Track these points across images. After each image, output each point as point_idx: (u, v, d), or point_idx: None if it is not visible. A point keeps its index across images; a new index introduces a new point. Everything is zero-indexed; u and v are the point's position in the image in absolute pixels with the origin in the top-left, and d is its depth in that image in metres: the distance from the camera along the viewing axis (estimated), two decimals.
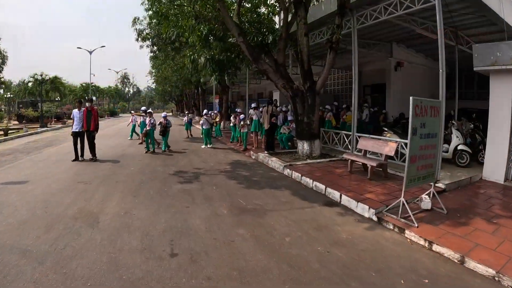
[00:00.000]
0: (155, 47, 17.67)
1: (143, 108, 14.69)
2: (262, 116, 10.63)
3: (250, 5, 12.23)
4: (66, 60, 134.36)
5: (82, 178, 7.65)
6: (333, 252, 4.22)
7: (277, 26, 12.43)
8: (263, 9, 12.59)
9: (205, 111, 15.09)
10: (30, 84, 32.12)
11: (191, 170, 8.70)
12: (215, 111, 20.14)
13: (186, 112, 22.42)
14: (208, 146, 13.00)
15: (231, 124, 13.65)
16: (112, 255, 3.87)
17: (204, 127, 13.04)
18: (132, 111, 20.14)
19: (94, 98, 64.41)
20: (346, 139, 10.48)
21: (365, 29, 10.62)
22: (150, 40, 17.11)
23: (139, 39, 17.00)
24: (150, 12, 15.33)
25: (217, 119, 17.58)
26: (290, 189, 7.04)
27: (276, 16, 13.68)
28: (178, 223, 4.90)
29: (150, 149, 11.53)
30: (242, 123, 12.03)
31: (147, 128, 11.65)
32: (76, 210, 5.44)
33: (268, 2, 11.90)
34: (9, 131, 19.82)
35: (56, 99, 42.75)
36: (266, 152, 10.44)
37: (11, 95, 45.06)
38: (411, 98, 5.34)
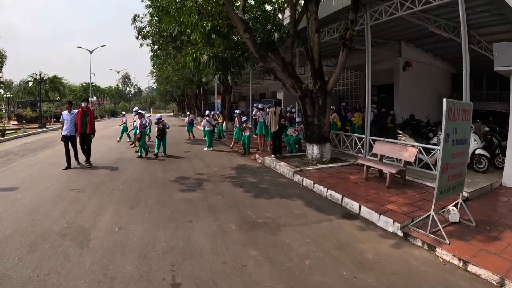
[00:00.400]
0: (156, 46, 17.00)
1: (135, 108, 13.76)
2: (269, 117, 9.98)
3: (254, 2, 11.61)
4: (67, 60, 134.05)
5: (75, 185, 7.01)
6: (361, 277, 3.59)
7: (283, 23, 11.78)
8: (268, 7, 11.96)
9: (207, 111, 14.48)
10: (30, 83, 31.46)
11: (193, 175, 8.06)
12: (218, 112, 19.46)
13: (187, 113, 21.72)
14: (211, 148, 12.35)
15: (236, 126, 13.00)
16: (103, 285, 3.23)
17: (206, 128, 12.39)
18: (123, 112, 19.16)
19: (94, 98, 64.14)
20: (358, 143, 9.82)
21: (374, 27, 10.05)
22: (151, 38, 16.46)
23: (139, 37, 16.35)
24: (151, 10, 14.76)
25: (220, 120, 16.95)
26: (303, 199, 6.40)
27: (281, 13, 13.06)
28: (180, 241, 4.25)
29: (143, 155, 10.61)
30: (244, 125, 11.34)
31: (139, 131, 10.83)
32: (65, 225, 4.80)
33: None
34: (6, 132, 19.23)
35: (56, 98, 42.17)
36: (273, 156, 9.80)
37: (11, 95, 44.44)
38: (444, 100, 4.72)
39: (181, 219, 5.05)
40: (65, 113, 8.95)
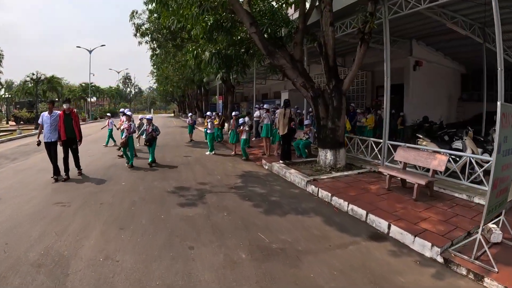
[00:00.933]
0: (155, 44, 16.14)
1: (121, 110, 12.35)
2: (277, 119, 9.10)
3: None
4: (68, 60, 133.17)
5: (61, 197, 6.15)
6: None
7: (291, 18, 10.90)
8: (274, 3, 11.09)
9: (208, 113, 13.60)
10: (28, 83, 30.60)
11: (194, 185, 7.19)
12: (219, 113, 18.39)
13: (189, 114, 20.66)
14: (213, 153, 11.49)
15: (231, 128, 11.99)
16: None
17: (208, 131, 11.51)
18: (108, 114, 16.85)
19: (94, 98, 63.13)
20: (375, 148, 8.94)
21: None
22: (149, 35, 15.59)
23: (138, 34, 15.49)
24: (150, 6, 13.93)
25: (216, 122, 16.00)
26: (321, 214, 5.53)
27: (289, 8, 12.20)
28: (179, 278, 3.38)
29: (127, 164, 9.15)
30: (241, 127, 10.34)
31: (125, 136, 8.99)
32: (41, 251, 3.95)
33: None
34: (0, 134, 18.40)
35: (56, 99, 41.30)
36: (281, 161, 8.93)
37: (10, 95, 43.59)
38: (498, 103, 3.90)
39: (180, 245, 4.17)
40: (45, 114, 7.45)
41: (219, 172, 8.52)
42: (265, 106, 12.57)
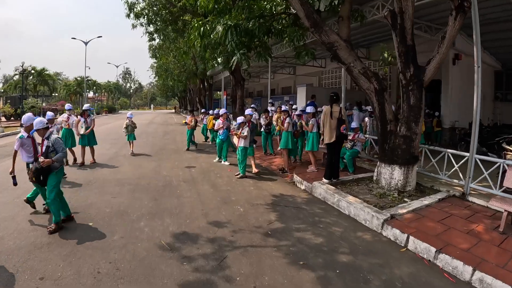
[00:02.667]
0: (152, 27, 13.17)
1: (85, 105, 9.05)
2: (322, 121, 6.21)
3: None
4: (69, 55, 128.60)
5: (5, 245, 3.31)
6: None
7: None
8: None
9: (217, 110, 10.70)
10: (16, 77, 27.52)
11: (204, 231, 4.29)
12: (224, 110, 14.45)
13: (201, 110, 15.83)
14: (226, 162, 8.62)
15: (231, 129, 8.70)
16: None
17: (220, 136, 8.56)
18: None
19: (91, 93, 59.63)
20: (454, 163, 6.12)
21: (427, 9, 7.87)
22: (145, 17, 12.62)
23: (131, 14, 12.50)
24: None
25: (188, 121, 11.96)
26: None
27: None
28: None
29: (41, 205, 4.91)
30: (239, 131, 7.28)
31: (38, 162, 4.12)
32: None
33: None
34: None
35: (48, 94, 38.16)
36: (325, 180, 6.11)
37: (2, 90, 40.41)
38: None
39: None
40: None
41: (240, 197, 5.68)
42: (288, 102, 9.81)
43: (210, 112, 12.55)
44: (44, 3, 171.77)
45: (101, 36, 39.34)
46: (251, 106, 13.40)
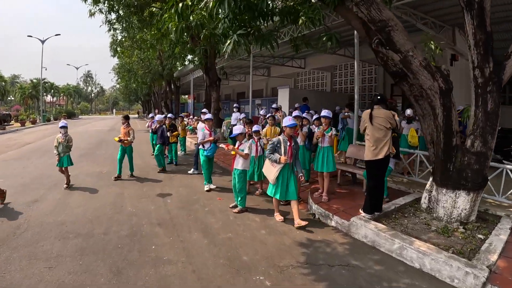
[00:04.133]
0: (113, 14, 10.44)
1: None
2: (361, 130, 4.24)
3: None
4: (25, 56, 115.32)
5: None
6: None
7: None
8: None
9: (206, 114, 7.72)
10: None
11: None
12: (209, 116, 10.49)
13: (152, 115, 12.42)
14: (211, 186, 6.23)
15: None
16: None
17: (206, 152, 6.07)
18: None
19: (49, 97, 53.21)
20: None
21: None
22: (105, 3, 9.89)
23: None
24: None
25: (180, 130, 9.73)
26: None
27: None
28: None
29: None
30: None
31: None
32: None
33: None
34: None
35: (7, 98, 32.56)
36: (366, 215, 4.19)
37: None
38: None
39: None
40: None
41: (254, 257, 3.50)
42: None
43: (170, 115, 9.70)
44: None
45: (59, 34, 34.59)
46: (273, 107, 10.07)
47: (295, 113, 4.78)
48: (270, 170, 4.35)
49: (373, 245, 3.81)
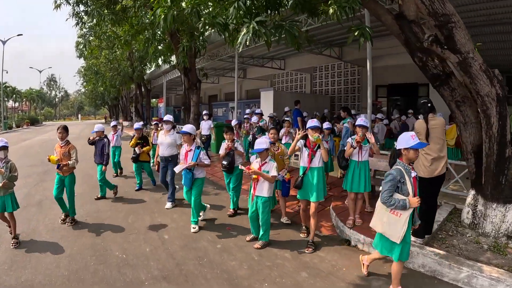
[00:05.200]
0: (82, 7, 8.62)
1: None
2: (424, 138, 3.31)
3: None
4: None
5: None
6: None
7: None
8: None
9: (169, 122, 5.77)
10: None
11: None
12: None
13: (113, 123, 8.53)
14: (200, 219, 4.57)
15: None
16: None
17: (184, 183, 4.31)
18: None
19: (11, 102, 47.53)
20: None
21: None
22: None
23: None
24: None
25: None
26: None
27: None
28: None
29: None
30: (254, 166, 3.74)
31: None
32: None
33: None
34: None
35: None
36: (418, 239, 3.36)
37: None
38: None
39: None
40: None
41: None
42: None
43: (138, 126, 7.16)
44: None
45: (21, 34, 30.88)
46: (257, 112, 8.78)
47: (314, 122, 3.73)
48: (394, 224, 2.61)
49: (434, 275, 3.10)
